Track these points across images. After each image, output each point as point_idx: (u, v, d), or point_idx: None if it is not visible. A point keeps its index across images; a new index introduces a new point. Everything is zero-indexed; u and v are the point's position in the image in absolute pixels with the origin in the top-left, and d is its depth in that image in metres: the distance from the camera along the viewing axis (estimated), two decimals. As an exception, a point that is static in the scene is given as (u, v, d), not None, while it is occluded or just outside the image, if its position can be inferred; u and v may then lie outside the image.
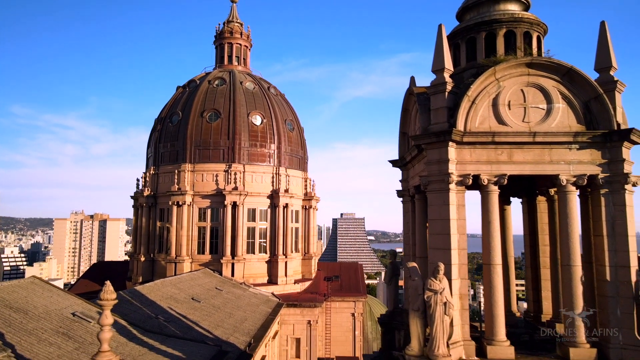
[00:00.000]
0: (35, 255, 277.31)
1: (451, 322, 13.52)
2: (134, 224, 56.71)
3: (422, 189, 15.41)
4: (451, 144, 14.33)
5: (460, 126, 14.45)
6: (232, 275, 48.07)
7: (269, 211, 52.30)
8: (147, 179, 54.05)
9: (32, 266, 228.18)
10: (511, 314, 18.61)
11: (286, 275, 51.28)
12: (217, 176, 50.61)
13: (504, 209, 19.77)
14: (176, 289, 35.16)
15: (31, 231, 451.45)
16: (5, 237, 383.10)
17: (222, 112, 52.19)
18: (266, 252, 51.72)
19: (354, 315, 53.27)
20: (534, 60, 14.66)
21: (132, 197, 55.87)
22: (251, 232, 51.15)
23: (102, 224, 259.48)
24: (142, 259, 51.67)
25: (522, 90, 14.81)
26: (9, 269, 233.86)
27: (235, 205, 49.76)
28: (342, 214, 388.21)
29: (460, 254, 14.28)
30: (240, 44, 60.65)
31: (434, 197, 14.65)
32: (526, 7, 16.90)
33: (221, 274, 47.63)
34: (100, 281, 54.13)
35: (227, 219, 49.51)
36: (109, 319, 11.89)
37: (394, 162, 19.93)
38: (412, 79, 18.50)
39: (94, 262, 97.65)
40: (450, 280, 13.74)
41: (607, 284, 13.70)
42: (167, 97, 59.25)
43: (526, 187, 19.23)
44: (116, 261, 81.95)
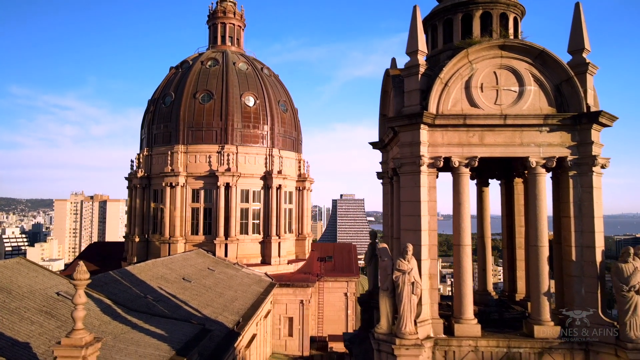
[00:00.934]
0: (36, 235, 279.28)
1: (420, 301, 13.87)
2: (128, 205, 57.08)
3: (396, 171, 15.57)
4: (423, 126, 14.45)
5: (432, 109, 14.55)
6: (226, 255, 48.60)
7: (262, 192, 52.58)
8: (141, 160, 54.20)
9: (34, 247, 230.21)
10: (486, 293, 19.02)
11: (279, 255, 51.82)
12: (210, 157, 50.74)
13: (482, 191, 20.02)
14: (167, 269, 35.63)
15: (32, 212, 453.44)
16: (6, 218, 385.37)
17: (214, 94, 52.04)
18: (260, 233, 52.17)
19: (346, 294, 54.00)
20: (506, 42, 14.67)
21: (126, 178, 56.09)
22: (244, 213, 51.51)
23: (102, 205, 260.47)
24: (137, 240, 52.17)
25: (495, 72, 14.86)
26: (10, 249, 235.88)
27: (228, 186, 50.01)
28: (341, 195, 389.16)
29: (430, 235, 14.53)
30: (233, 24, 60.10)
31: (406, 179, 14.83)
32: (504, -12, 16.77)
33: (214, 254, 48.17)
34: (96, 261, 55.10)
35: (221, 200, 49.82)
36: (82, 298, 12.19)
37: (374, 144, 20.04)
38: (393, 60, 18.47)
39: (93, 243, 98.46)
40: (419, 260, 14.02)
41: (573, 264, 13.98)
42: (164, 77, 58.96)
43: (504, 169, 19.39)
44: (112, 242, 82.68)
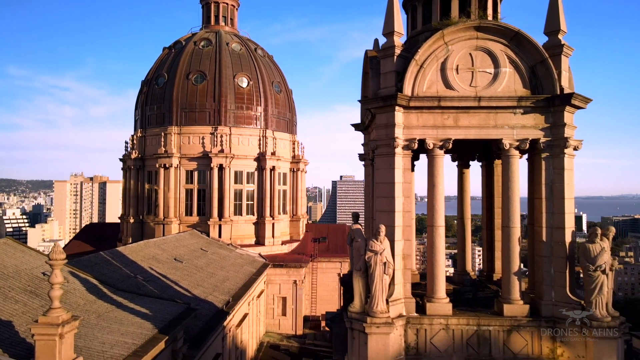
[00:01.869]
0: (37, 216, 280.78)
1: (393, 281, 14.14)
2: (123, 186, 57.30)
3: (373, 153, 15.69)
4: (398, 108, 14.49)
5: (407, 91, 14.58)
6: (220, 236, 49.04)
7: (256, 174, 52.77)
8: (135, 142, 54.26)
9: (34, 227, 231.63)
10: (465, 273, 19.32)
11: (273, 236, 52.27)
12: (203, 139, 50.77)
13: (463, 173, 20.16)
14: (159, 249, 36.02)
15: (33, 193, 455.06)
16: (7, 199, 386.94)
17: (207, 74, 51.78)
18: (254, 214, 52.52)
19: (340, 275, 54.51)
20: (482, 23, 14.62)
21: (120, 159, 56.24)
22: (238, 194, 51.79)
23: (102, 186, 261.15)
24: (132, 221, 52.57)
25: (470, 54, 14.84)
26: (11, 230, 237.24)
27: (221, 167, 50.16)
28: (341, 177, 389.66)
29: (405, 216, 14.71)
30: (227, 3, 59.43)
31: (381, 161, 14.95)
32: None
33: (209, 235, 48.60)
34: (92, 242, 55.60)
35: (214, 181, 50.03)
36: (58, 277, 12.46)
37: (356, 126, 20.07)
38: (375, 41, 18.36)
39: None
40: (393, 241, 14.23)
41: (543, 245, 14.20)
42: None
43: (485, 152, 19.48)
44: (109, 223, 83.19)
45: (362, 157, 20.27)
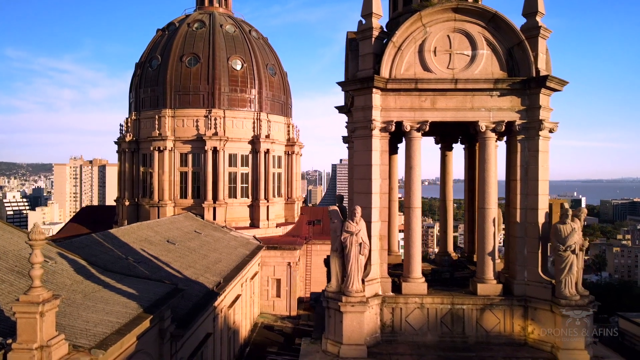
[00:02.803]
0: (37, 200, 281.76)
1: (369, 261, 14.39)
2: (118, 169, 57.54)
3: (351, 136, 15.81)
4: (375, 90, 14.55)
5: (384, 73, 14.62)
6: (214, 219, 49.40)
7: (251, 157, 52.90)
8: (130, 125, 54.31)
9: (35, 211, 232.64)
10: (446, 254, 19.56)
11: (268, 219, 52.63)
12: (197, 122, 50.78)
13: (446, 155, 20.27)
14: (152, 231, 36.36)
15: (33, 176, 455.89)
16: (7, 182, 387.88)
17: (201, 57, 51.56)
18: (248, 197, 52.81)
19: (334, 257, 55.04)
20: (459, 5, 14.58)
21: (115, 142, 56.32)
22: (233, 177, 52.00)
23: (102, 169, 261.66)
24: (127, 204, 52.92)
25: (448, 36, 14.84)
26: (12, 213, 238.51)
27: (216, 150, 50.29)
28: (341, 160, 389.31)
29: (381, 197, 14.87)
30: (221, -15, 58.82)
31: (359, 143, 15.07)
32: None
33: (203, 217, 48.96)
34: (88, 225, 56.00)
35: (208, 164, 50.19)
36: (38, 257, 12.70)
37: (340, 108, 20.11)
38: (359, 23, 18.34)
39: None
40: (369, 222, 14.42)
41: (517, 226, 14.41)
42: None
43: (467, 134, 19.55)
44: (105, 205, 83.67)
45: (345, 140, 20.31)
